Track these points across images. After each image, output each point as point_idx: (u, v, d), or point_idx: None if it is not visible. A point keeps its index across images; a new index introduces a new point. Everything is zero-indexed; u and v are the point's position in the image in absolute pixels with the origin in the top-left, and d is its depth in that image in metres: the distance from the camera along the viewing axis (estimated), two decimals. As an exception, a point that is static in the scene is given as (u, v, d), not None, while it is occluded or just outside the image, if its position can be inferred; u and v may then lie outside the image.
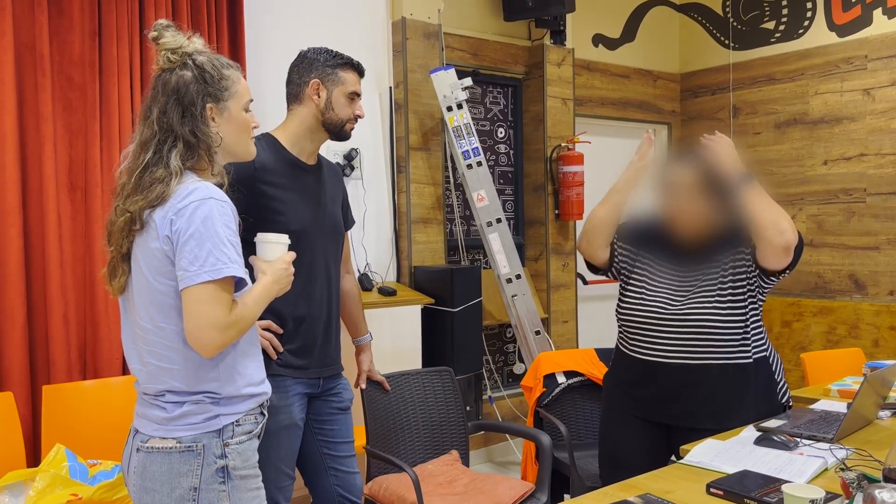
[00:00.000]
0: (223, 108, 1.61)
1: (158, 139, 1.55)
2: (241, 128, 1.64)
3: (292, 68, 2.24)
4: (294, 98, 2.22)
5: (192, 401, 1.54)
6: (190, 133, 1.55)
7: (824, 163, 4.78)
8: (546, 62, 4.58)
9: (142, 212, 1.51)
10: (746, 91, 5.17)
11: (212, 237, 1.47)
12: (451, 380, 2.96)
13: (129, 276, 1.58)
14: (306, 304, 2.19)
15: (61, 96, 2.90)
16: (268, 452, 2.09)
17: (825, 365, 3.28)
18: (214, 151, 1.59)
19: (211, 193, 1.51)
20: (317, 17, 3.79)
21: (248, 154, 1.69)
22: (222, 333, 1.48)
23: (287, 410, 2.14)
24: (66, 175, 2.90)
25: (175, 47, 1.58)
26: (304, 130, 2.20)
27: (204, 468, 1.52)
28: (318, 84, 2.17)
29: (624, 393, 2.30)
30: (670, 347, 2.17)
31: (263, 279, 1.63)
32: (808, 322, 4.81)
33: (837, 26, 4.70)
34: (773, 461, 1.86)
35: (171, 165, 1.52)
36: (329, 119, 2.19)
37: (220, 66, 1.61)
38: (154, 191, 1.50)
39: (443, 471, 2.71)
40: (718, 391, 2.16)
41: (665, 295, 2.21)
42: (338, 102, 2.18)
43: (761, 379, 2.19)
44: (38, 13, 2.81)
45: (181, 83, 1.57)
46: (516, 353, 4.73)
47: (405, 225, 4.05)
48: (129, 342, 1.61)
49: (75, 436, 2.66)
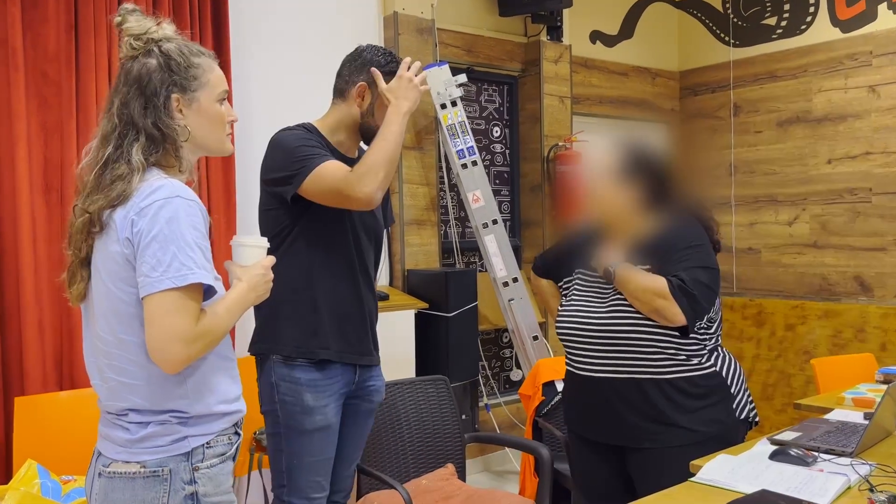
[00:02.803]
0: (191, 98, 1.48)
1: (119, 132, 1.42)
2: (212, 121, 1.51)
3: (345, 62, 2.18)
4: (339, 93, 2.17)
5: (158, 421, 1.40)
6: (153, 126, 1.42)
7: (828, 162, 4.67)
8: (543, 59, 4.47)
9: (101, 212, 1.39)
10: (747, 89, 5.06)
11: (176, 240, 1.34)
12: (446, 389, 2.84)
13: (88, 283, 1.45)
14: (347, 297, 2.13)
15: (35, 93, 2.77)
16: (300, 458, 2.06)
17: (836, 371, 3.17)
18: (180, 146, 1.45)
19: (177, 192, 1.38)
20: (306, 11, 3.67)
21: (222, 149, 1.56)
22: (188, 347, 1.35)
23: (322, 411, 2.07)
24: (40, 175, 2.77)
25: (139, 33, 1.46)
26: (342, 126, 2.17)
27: (171, 495, 1.39)
28: (366, 88, 2.12)
29: (574, 414, 2.19)
30: (599, 358, 2.04)
31: (238, 286, 1.49)
32: (813, 325, 4.69)
33: (841, 21, 4.59)
34: (792, 478, 1.73)
35: (133, 161, 1.39)
36: (367, 124, 2.15)
37: (189, 53, 1.48)
38: (115, 189, 1.38)
39: (438, 486, 2.58)
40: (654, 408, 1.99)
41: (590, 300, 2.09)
42: (380, 110, 2.11)
43: (710, 397, 2.02)
44: (11, 5, 2.68)
45: (144, 72, 1.44)
46: (513, 359, 4.61)
47: (398, 227, 3.93)
48: (90, 355, 1.48)
49: (50, 450, 2.53)
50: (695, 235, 2.05)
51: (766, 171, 4.96)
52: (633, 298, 1.99)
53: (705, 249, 2.03)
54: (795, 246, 4.83)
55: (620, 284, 2.01)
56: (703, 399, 2.02)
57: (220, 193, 3.19)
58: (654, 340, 1.99)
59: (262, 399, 2.13)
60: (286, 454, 2.08)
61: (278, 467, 2.10)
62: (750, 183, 5.04)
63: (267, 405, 2.11)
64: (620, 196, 2.06)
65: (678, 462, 1.89)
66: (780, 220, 4.90)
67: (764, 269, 4.98)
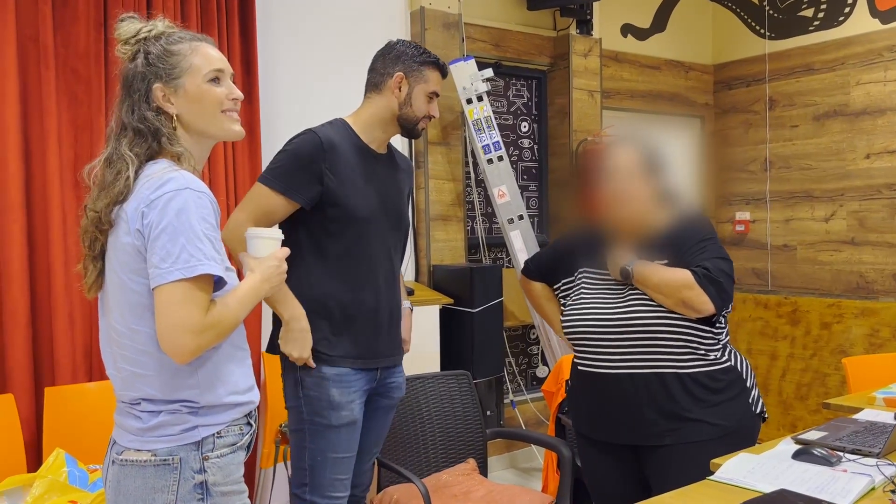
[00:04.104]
0: (176, 86, 1.48)
1: (115, 133, 1.47)
2: (204, 103, 1.49)
3: (378, 57, 2.22)
4: (374, 87, 2.20)
5: (169, 410, 1.42)
6: (137, 121, 1.45)
7: (867, 156, 4.54)
8: (572, 53, 4.42)
9: (108, 209, 1.42)
10: (783, 82, 4.94)
11: (186, 231, 1.35)
12: (468, 384, 2.83)
13: (101, 275, 1.48)
14: (370, 294, 2.14)
15: (66, 89, 2.82)
16: (324, 454, 2.06)
17: (868, 370, 3.08)
18: (169, 135, 1.46)
19: (187, 183, 1.39)
20: (334, 7, 3.68)
21: (222, 132, 1.54)
22: (197, 337, 1.36)
23: (349, 407, 2.08)
24: (70, 171, 2.82)
25: (128, 37, 1.48)
26: (377, 120, 2.19)
27: (181, 484, 1.40)
28: (402, 78, 2.16)
29: (583, 416, 2.15)
30: (617, 354, 2.00)
31: (251, 277, 1.50)
32: (849, 324, 4.57)
33: (881, 12, 4.46)
34: (814, 479, 1.69)
35: (124, 156, 1.43)
36: (405, 115, 2.18)
37: (168, 42, 1.49)
38: (116, 186, 1.41)
39: (458, 481, 2.57)
40: (676, 403, 1.97)
41: (604, 297, 2.06)
42: (417, 99, 2.18)
43: (729, 391, 2.00)
44: (42, 4, 2.73)
45: (130, 73, 1.48)
46: (540, 356, 4.58)
47: (424, 222, 3.92)
48: (106, 345, 1.50)
49: (78, 440, 2.59)
50: (707, 229, 2.07)
51: (802, 167, 4.85)
52: (656, 293, 1.96)
53: (718, 241, 2.04)
54: (832, 243, 4.71)
55: (640, 282, 1.98)
56: (722, 393, 2.00)
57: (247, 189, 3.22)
58: (676, 334, 1.97)
59: (287, 395, 2.13)
60: (310, 451, 2.07)
61: (301, 465, 2.09)
62: (786, 178, 4.94)
63: (291, 401, 2.11)
64: (640, 193, 2.03)
65: (700, 457, 1.87)
66: (816, 216, 4.78)
67: (799, 267, 4.87)
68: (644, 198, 2.03)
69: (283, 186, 2.04)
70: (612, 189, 2.03)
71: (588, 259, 2.14)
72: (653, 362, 1.98)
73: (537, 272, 2.30)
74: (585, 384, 2.11)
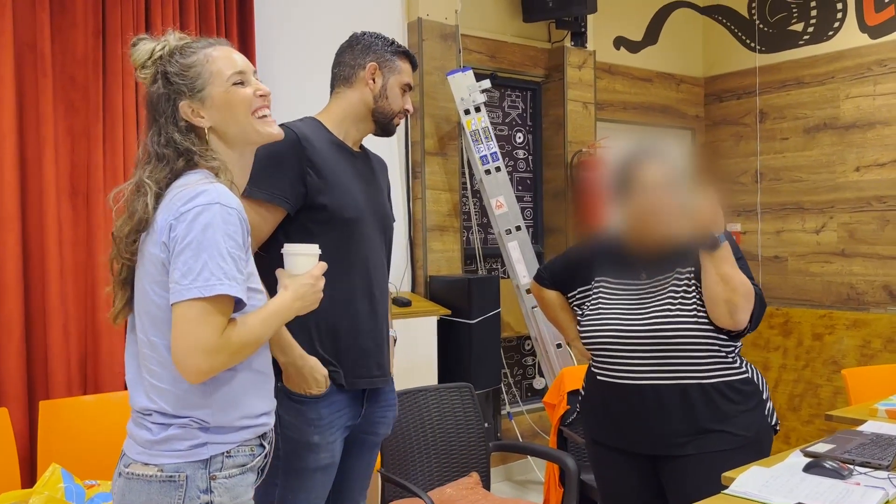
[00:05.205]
0: (202, 98, 1.45)
1: (141, 161, 1.45)
2: (233, 107, 1.46)
3: (343, 50, 2.06)
4: (343, 80, 2.02)
5: (179, 424, 1.38)
6: (162, 145, 1.43)
7: (856, 169, 4.59)
8: (566, 65, 4.44)
9: (129, 238, 1.41)
10: (774, 95, 5.00)
11: (209, 248, 1.32)
12: (470, 396, 2.81)
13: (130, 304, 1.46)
14: (366, 302, 1.93)
15: (63, 97, 2.78)
16: (296, 494, 1.85)
17: (867, 382, 3.10)
18: (195, 153, 1.43)
19: (218, 198, 1.35)
20: (330, 18, 3.67)
21: (257, 135, 1.50)
22: (210, 358, 1.32)
23: (329, 448, 1.87)
24: (67, 179, 2.78)
25: (144, 60, 1.47)
26: (350, 116, 2.01)
27: (185, 502, 1.36)
28: (376, 68, 2.00)
29: (600, 424, 2.14)
30: (641, 365, 1.99)
31: (282, 295, 1.45)
32: (841, 335, 4.61)
33: (870, 27, 4.52)
34: (828, 492, 1.69)
35: (143, 184, 1.41)
36: (381, 108, 2.01)
37: (182, 56, 1.46)
38: (136, 213, 1.40)
39: (462, 495, 2.55)
40: (699, 413, 1.96)
41: (624, 307, 2.04)
42: (392, 92, 2.01)
43: (749, 401, 2.00)
44: (40, 10, 2.69)
45: (154, 97, 1.46)
46: (535, 367, 4.56)
47: (420, 233, 3.90)
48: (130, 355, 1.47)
49: (74, 454, 2.53)
50: (734, 247, 2.01)
51: (792, 179, 4.89)
52: (717, 279, 1.91)
53: (746, 263, 2.05)
54: (823, 254, 4.75)
55: (718, 259, 1.91)
56: (742, 404, 2.00)
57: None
58: (700, 343, 1.96)
59: None
60: (281, 488, 1.86)
61: (268, 499, 1.85)
62: (776, 190, 4.98)
63: None
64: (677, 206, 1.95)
65: (719, 467, 1.86)
66: (807, 227, 4.82)
67: (791, 278, 4.90)
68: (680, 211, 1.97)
69: (267, 195, 1.79)
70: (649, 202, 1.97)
71: (605, 268, 2.12)
72: (677, 373, 1.97)
73: (551, 280, 2.28)
74: (604, 394, 2.09)
